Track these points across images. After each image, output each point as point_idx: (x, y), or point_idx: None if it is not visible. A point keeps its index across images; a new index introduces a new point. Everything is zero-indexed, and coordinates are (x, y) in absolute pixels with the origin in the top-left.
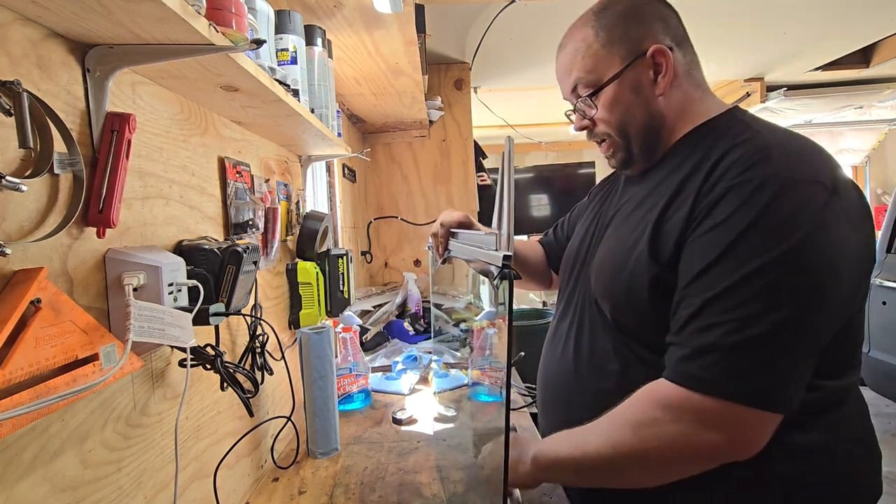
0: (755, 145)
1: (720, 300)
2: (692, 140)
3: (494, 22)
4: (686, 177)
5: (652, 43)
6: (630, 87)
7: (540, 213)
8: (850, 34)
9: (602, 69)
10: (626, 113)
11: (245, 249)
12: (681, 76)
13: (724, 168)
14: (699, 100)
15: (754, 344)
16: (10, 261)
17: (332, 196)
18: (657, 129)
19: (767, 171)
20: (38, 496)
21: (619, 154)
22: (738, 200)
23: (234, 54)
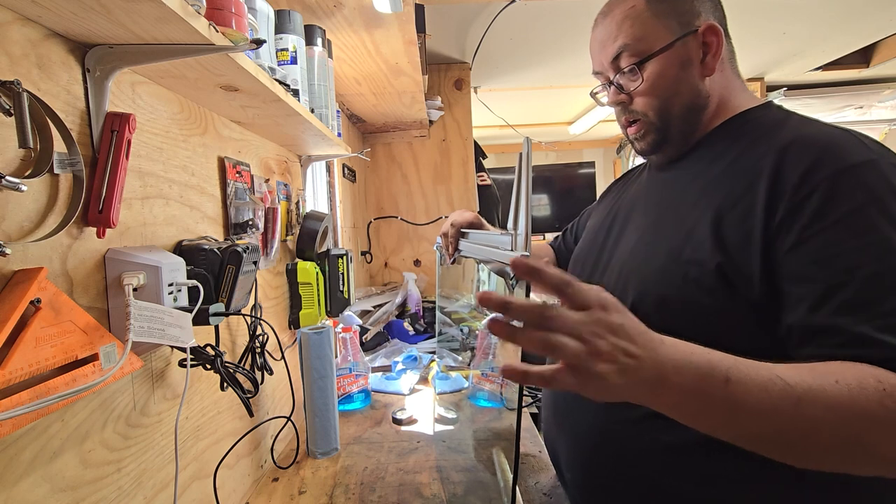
0: (832, 132)
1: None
2: (731, 129)
3: (494, 22)
4: (737, 164)
5: (704, 20)
6: (679, 61)
7: (540, 213)
8: (850, 34)
9: (652, 38)
10: (670, 89)
11: (245, 249)
12: (726, 62)
13: (814, 155)
14: (739, 89)
15: None
16: (10, 261)
17: (332, 196)
18: (700, 110)
19: (869, 155)
20: (38, 496)
21: (651, 135)
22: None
23: (234, 54)
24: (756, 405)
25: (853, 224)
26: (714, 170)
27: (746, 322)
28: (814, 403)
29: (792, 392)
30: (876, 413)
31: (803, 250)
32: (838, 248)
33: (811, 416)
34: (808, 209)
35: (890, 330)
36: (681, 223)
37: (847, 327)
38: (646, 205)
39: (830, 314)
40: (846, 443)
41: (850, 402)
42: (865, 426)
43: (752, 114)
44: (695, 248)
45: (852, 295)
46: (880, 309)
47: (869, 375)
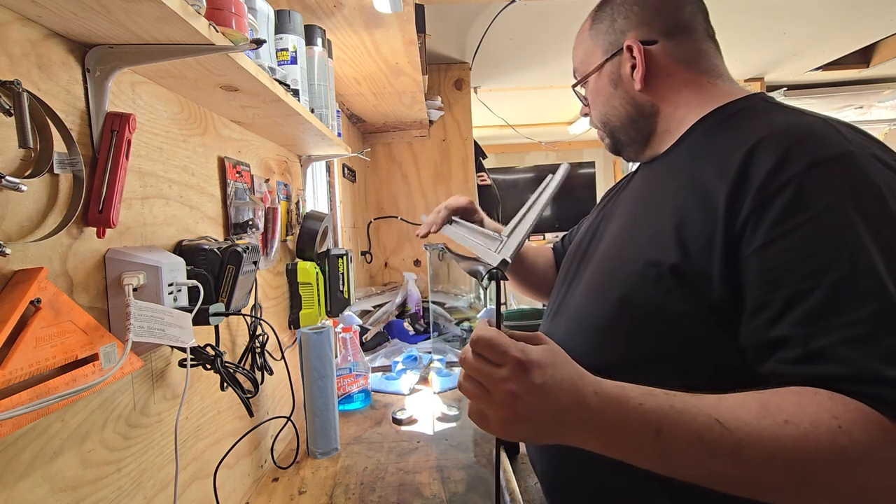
0: (805, 122)
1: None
2: (709, 123)
3: (494, 22)
4: (708, 159)
5: (631, 37)
6: (609, 79)
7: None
8: (850, 34)
9: (589, 61)
10: (606, 104)
11: (245, 249)
12: (671, 66)
13: (782, 150)
14: (708, 84)
15: None
16: (10, 261)
17: (332, 196)
18: (645, 117)
19: (846, 147)
20: (38, 496)
21: (607, 140)
22: (838, 182)
23: (234, 54)
24: (687, 453)
25: (822, 226)
26: (687, 168)
27: (708, 325)
28: (756, 447)
29: (730, 438)
30: (828, 454)
31: (767, 252)
32: (805, 251)
33: (754, 459)
34: (776, 208)
35: (850, 344)
36: (649, 223)
37: (805, 340)
38: (626, 205)
39: (790, 324)
40: (800, 484)
41: (799, 445)
42: (817, 467)
43: (728, 109)
44: (657, 248)
45: (816, 304)
46: (843, 319)
47: (824, 411)
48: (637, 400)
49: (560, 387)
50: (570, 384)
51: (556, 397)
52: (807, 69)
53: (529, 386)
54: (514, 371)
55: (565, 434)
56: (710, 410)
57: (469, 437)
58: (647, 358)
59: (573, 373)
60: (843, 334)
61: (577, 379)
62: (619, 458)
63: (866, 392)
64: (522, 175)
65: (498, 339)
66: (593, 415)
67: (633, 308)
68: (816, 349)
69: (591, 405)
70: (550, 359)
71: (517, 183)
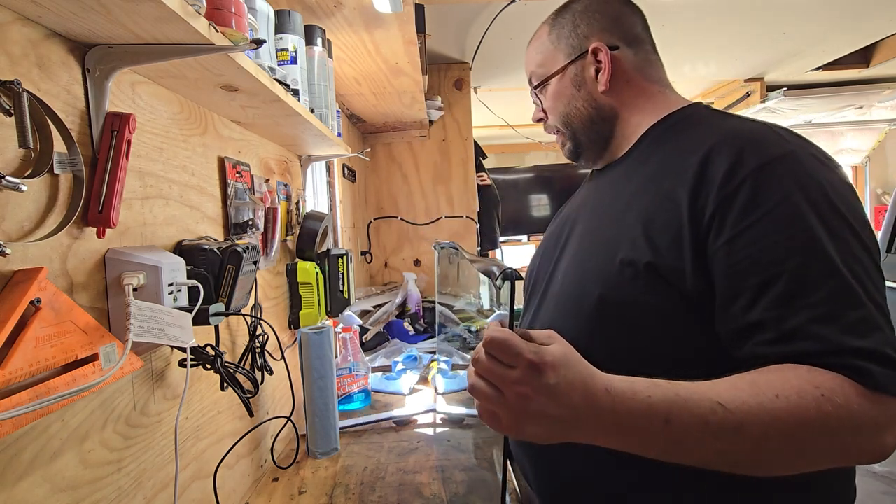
0: (752, 127)
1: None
2: (661, 130)
3: (494, 22)
4: (666, 162)
5: (596, 42)
6: (572, 81)
7: (540, 213)
8: (850, 34)
9: (549, 64)
10: (569, 106)
11: (245, 249)
12: (630, 72)
13: (736, 150)
14: (658, 93)
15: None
16: (10, 261)
17: (332, 196)
18: (605, 120)
19: (790, 147)
20: (38, 496)
21: (568, 144)
22: (792, 178)
23: (234, 54)
24: (697, 439)
25: (779, 218)
26: (645, 171)
27: (686, 320)
28: (756, 424)
29: (732, 418)
30: (817, 420)
31: (734, 245)
32: (767, 242)
33: (754, 435)
34: (737, 205)
35: (819, 321)
36: (615, 226)
37: (778, 322)
38: (587, 212)
39: (763, 309)
40: (795, 452)
41: (791, 416)
42: (809, 435)
43: (678, 115)
44: (630, 248)
45: (783, 289)
46: (808, 300)
47: (806, 382)
48: (645, 393)
49: (572, 387)
50: (582, 383)
51: (568, 397)
52: (807, 69)
53: (542, 387)
54: (527, 373)
55: (576, 432)
56: (710, 394)
57: (470, 438)
58: (628, 353)
59: (584, 372)
60: (809, 314)
61: (588, 378)
62: (628, 451)
63: (839, 363)
64: (522, 175)
65: (511, 340)
66: (605, 413)
67: (611, 307)
68: (789, 330)
69: (603, 404)
70: (563, 359)
71: (517, 183)
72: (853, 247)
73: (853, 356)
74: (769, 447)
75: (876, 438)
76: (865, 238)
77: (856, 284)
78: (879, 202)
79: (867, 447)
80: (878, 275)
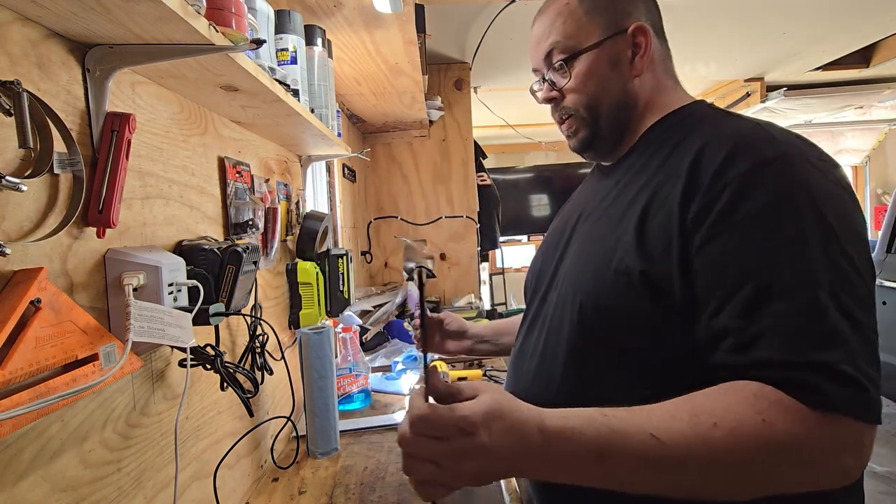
0: (746, 127)
1: (816, 310)
2: (664, 128)
3: (494, 22)
4: (665, 164)
5: (635, 21)
6: (608, 60)
7: (540, 213)
8: (850, 34)
9: (582, 36)
10: (600, 86)
11: (245, 249)
12: (656, 62)
13: (726, 149)
14: (671, 89)
15: (864, 352)
16: (10, 261)
17: (332, 196)
18: (629, 109)
19: (784, 150)
20: (38, 496)
21: (582, 132)
22: (774, 182)
23: (234, 54)
24: (632, 472)
25: (757, 223)
26: (644, 174)
27: (680, 328)
28: (691, 457)
29: (667, 451)
30: (756, 450)
31: (709, 249)
32: (740, 248)
33: (690, 468)
34: (717, 207)
35: (778, 332)
36: (613, 231)
37: (740, 331)
38: (588, 213)
39: (727, 317)
40: (735, 483)
41: (728, 448)
42: (749, 465)
43: (685, 110)
44: (623, 255)
45: (748, 297)
46: (771, 310)
47: (750, 407)
48: (578, 429)
49: (506, 438)
50: (516, 430)
51: (504, 449)
52: (807, 69)
53: (477, 448)
54: (460, 440)
55: (516, 473)
56: (645, 426)
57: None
58: (623, 361)
59: (517, 416)
60: (769, 324)
61: (521, 423)
62: (566, 483)
63: (790, 378)
64: (522, 175)
65: (434, 414)
66: (539, 453)
67: (607, 315)
68: (749, 339)
69: (536, 445)
70: (494, 411)
71: (517, 183)
72: (833, 257)
73: (807, 371)
74: (707, 479)
75: (829, 463)
76: (851, 249)
77: (826, 297)
78: (879, 202)
79: (823, 471)
80: (862, 287)
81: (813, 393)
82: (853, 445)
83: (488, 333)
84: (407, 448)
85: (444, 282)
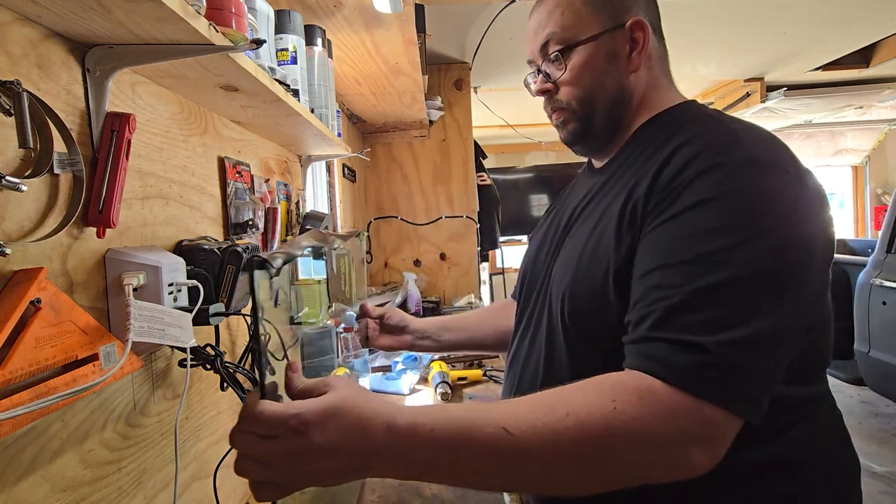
0: (723, 130)
1: (706, 293)
2: (654, 127)
3: (494, 22)
4: (646, 163)
5: (634, 16)
6: (605, 53)
7: (540, 213)
8: (850, 34)
9: (580, 28)
10: (595, 80)
11: (245, 249)
12: (653, 60)
13: (691, 151)
14: (665, 87)
15: (746, 342)
16: (10, 261)
17: (332, 196)
18: (624, 105)
19: (742, 154)
20: (38, 496)
21: (573, 124)
22: (714, 181)
23: (233, 54)
24: (483, 467)
25: (685, 217)
26: (628, 174)
27: None
28: (538, 448)
29: (516, 444)
30: (604, 438)
31: (643, 242)
32: (661, 238)
33: (539, 459)
34: (666, 202)
35: (662, 326)
36: (596, 232)
37: (636, 323)
38: (578, 212)
39: (634, 306)
40: (583, 473)
41: (573, 437)
42: (594, 454)
43: (675, 110)
44: (603, 256)
45: (649, 284)
46: (662, 294)
47: (606, 394)
48: (429, 426)
49: (347, 435)
50: (359, 428)
51: (342, 448)
52: (807, 69)
53: (310, 448)
54: (291, 439)
55: (365, 473)
56: (499, 420)
57: None
58: (611, 361)
59: (362, 414)
60: (656, 307)
61: (366, 420)
62: (430, 482)
63: (643, 349)
64: (522, 175)
65: (265, 411)
66: (387, 452)
67: (589, 315)
68: (637, 320)
69: (384, 443)
70: (333, 409)
71: (517, 183)
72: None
73: (658, 342)
74: (555, 470)
75: (673, 452)
76: (778, 258)
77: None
78: (879, 202)
79: (666, 461)
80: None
81: (654, 362)
82: (702, 435)
83: (431, 329)
84: (236, 447)
85: (445, 282)
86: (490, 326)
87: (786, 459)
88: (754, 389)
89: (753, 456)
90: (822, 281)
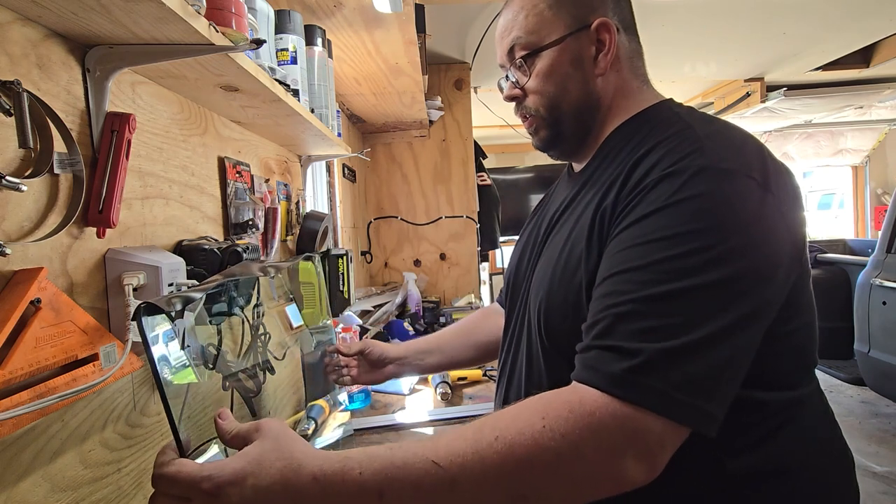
0: (688, 136)
1: (652, 302)
2: (625, 132)
3: (495, 22)
4: (616, 169)
5: (600, 16)
6: (570, 57)
7: None
8: (850, 34)
9: (544, 32)
10: (560, 85)
11: (245, 249)
12: (622, 61)
13: (655, 158)
14: (637, 90)
15: (687, 350)
16: (10, 261)
17: (332, 196)
18: (592, 110)
19: (701, 162)
20: (38, 496)
21: (543, 131)
22: (670, 189)
23: (234, 54)
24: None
25: (638, 225)
26: (598, 182)
27: None
28: (467, 478)
29: (445, 476)
30: (533, 459)
31: (605, 251)
32: (615, 247)
33: (469, 488)
34: (627, 210)
35: (605, 335)
36: (569, 242)
37: (586, 333)
38: (555, 219)
39: (588, 315)
40: (515, 497)
41: (503, 459)
42: (525, 475)
43: (647, 113)
44: (574, 270)
45: (601, 293)
46: (612, 301)
47: (538, 412)
48: (356, 470)
49: (266, 495)
50: (280, 485)
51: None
52: (807, 69)
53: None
54: (206, 501)
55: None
56: (427, 453)
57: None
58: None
59: (285, 468)
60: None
61: (290, 474)
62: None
63: (585, 360)
64: (522, 175)
65: (179, 473)
66: (314, 502)
67: (564, 326)
68: (585, 330)
69: (312, 494)
70: (250, 468)
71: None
72: (700, 267)
73: (602, 352)
74: (485, 497)
75: (608, 467)
76: (731, 266)
77: (672, 300)
78: (879, 202)
79: (600, 478)
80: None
81: (590, 371)
82: (636, 445)
83: (411, 354)
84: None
85: (445, 282)
86: (470, 344)
87: (775, 465)
88: (698, 398)
89: (742, 464)
90: (797, 284)
